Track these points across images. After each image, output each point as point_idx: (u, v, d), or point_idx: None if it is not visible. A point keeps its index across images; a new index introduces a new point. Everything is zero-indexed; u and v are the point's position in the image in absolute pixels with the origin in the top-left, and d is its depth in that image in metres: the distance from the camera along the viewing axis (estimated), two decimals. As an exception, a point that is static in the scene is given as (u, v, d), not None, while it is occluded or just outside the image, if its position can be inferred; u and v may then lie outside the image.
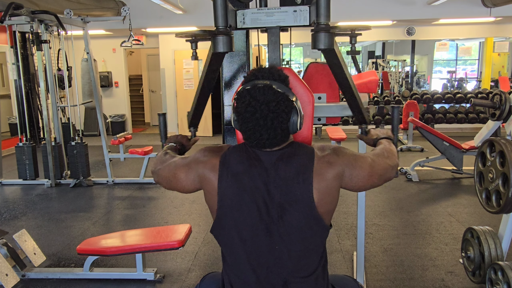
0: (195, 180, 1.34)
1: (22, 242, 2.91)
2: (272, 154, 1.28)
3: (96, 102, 5.54)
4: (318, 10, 1.35)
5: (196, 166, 1.33)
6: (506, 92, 2.79)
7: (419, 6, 6.96)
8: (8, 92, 7.72)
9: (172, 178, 1.39)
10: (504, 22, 8.25)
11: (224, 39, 1.39)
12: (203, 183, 1.33)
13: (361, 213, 2.51)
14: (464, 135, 7.62)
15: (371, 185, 1.35)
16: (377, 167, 1.34)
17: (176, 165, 1.39)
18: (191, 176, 1.34)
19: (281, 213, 1.25)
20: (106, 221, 4.12)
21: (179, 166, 1.38)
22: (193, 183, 1.35)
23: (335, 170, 1.27)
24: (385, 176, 1.37)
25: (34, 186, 5.36)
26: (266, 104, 1.23)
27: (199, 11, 7.08)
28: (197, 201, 4.52)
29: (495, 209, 2.34)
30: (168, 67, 8.92)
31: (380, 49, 10.55)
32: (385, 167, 1.36)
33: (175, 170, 1.38)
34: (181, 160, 1.40)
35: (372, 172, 1.32)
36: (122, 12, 5.24)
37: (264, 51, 8.88)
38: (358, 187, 1.33)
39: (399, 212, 4.13)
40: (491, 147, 2.41)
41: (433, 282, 2.77)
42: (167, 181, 1.41)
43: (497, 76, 9.77)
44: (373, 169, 1.32)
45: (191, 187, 1.37)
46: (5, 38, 7.23)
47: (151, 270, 2.90)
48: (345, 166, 1.28)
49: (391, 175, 1.39)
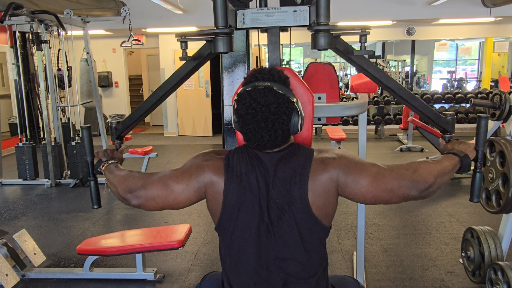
0: (199, 188, 1.27)
1: (22, 242, 2.91)
2: (273, 155, 1.28)
3: (96, 102, 5.54)
4: (318, 10, 1.35)
5: (199, 172, 1.27)
6: (506, 92, 2.79)
7: (419, 6, 6.96)
8: (8, 92, 7.72)
9: (167, 193, 1.26)
10: (504, 22, 8.25)
11: (224, 39, 1.39)
12: (208, 188, 1.27)
13: (361, 213, 2.51)
14: (464, 135, 7.63)
15: (375, 198, 1.21)
16: (386, 179, 1.20)
17: (169, 177, 1.27)
18: (194, 184, 1.26)
19: (280, 214, 1.24)
20: (106, 221, 4.12)
21: (173, 177, 1.27)
22: (195, 192, 1.27)
23: (329, 173, 1.22)
24: (399, 191, 1.19)
25: (34, 186, 5.36)
26: (267, 106, 1.22)
27: (199, 11, 7.08)
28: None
29: (495, 209, 2.34)
30: (168, 67, 8.92)
31: (380, 49, 10.56)
32: (400, 181, 1.18)
33: (170, 182, 1.26)
34: (173, 171, 1.29)
35: (375, 183, 1.20)
36: (122, 12, 5.24)
37: (264, 51, 8.88)
38: (358, 198, 1.23)
39: (399, 212, 4.13)
40: (491, 147, 2.41)
41: (433, 282, 2.77)
42: (158, 199, 1.26)
43: (497, 76, 9.77)
44: (376, 180, 1.20)
45: (193, 197, 1.28)
46: (5, 38, 7.23)
47: (151, 270, 2.90)
48: (340, 170, 1.22)
49: (411, 193, 1.19)
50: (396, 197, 1.20)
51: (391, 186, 1.20)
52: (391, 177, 1.20)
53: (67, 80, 5.77)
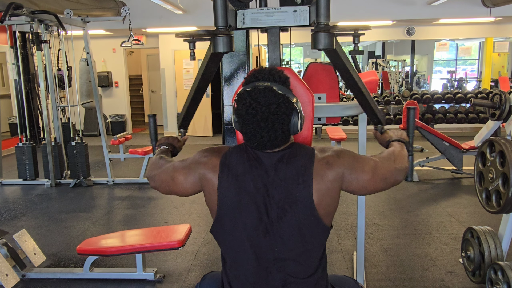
0: (195, 182, 1.33)
1: (22, 242, 2.91)
2: (273, 155, 1.28)
3: (96, 102, 5.54)
4: (318, 10, 1.35)
5: (196, 167, 1.33)
6: (506, 92, 2.79)
7: (419, 6, 6.95)
8: (8, 92, 7.72)
9: (171, 182, 1.37)
10: (504, 22, 8.25)
11: (224, 39, 1.39)
12: (203, 184, 1.32)
13: (361, 213, 2.51)
14: (464, 135, 7.63)
15: (375, 188, 1.31)
16: (381, 171, 1.31)
17: (174, 168, 1.38)
18: (191, 178, 1.33)
19: (281, 214, 1.24)
20: (106, 221, 4.12)
21: (177, 169, 1.37)
22: (192, 185, 1.34)
23: (335, 172, 1.26)
24: (391, 179, 1.33)
25: (34, 186, 5.36)
26: (267, 106, 1.22)
27: (199, 11, 7.08)
28: (197, 201, 4.52)
29: (495, 209, 2.34)
30: (168, 67, 8.93)
31: (380, 49, 10.56)
32: (390, 170, 1.33)
33: (174, 173, 1.37)
34: (179, 162, 1.39)
35: (375, 175, 1.29)
36: (122, 12, 5.24)
37: (264, 51, 8.88)
38: (360, 191, 1.31)
39: (399, 212, 4.13)
40: (491, 147, 2.41)
41: (433, 282, 2.77)
42: (166, 185, 1.40)
43: (497, 76, 9.78)
44: (375, 172, 1.30)
45: (190, 189, 1.36)
46: (5, 38, 7.23)
47: (151, 270, 2.90)
48: (345, 168, 1.27)
49: (398, 179, 1.35)
50: (389, 185, 1.34)
51: (385, 175, 1.32)
52: (384, 167, 1.33)
53: (67, 80, 5.77)
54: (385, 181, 1.32)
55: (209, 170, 1.30)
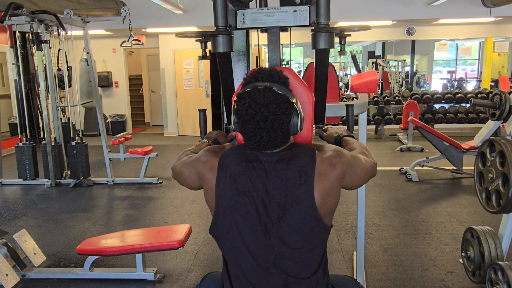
0: (196, 179, 1.37)
1: (22, 242, 2.91)
2: (273, 156, 1.28)
3: (96, 102, 5.54)
4: (318, 10, 1.35)
5: (196, 165, 1.36)
6: (506, 92, 2.79)
7: (419, 6, 6.96)
8: (8, 92, 7.72)
9: (180, 175, 1.43)
10: (504, 22, 8.26)
11: (224, 39, 1.39)
12: (202, 183, 1.35)
13: (361, 213, 2.51)
14: (464, 135, 7.63)
15: (362, 182, 1.37)
16: (367, 165, 1.36)
17: (183, 163, 1.43)
18: (193, 174, 1.37)
19: (281, 214, 1.24)
20: (106, 221, 4.12)
21: (185, 164, 1.42)
22: (194, 181, 1.38)
23: (338, 171, 1.27)
24: (372, 173, 1.39)
25: (34, 186, 5.36)
26: (267, 106, 1.22)
27: (199, 11, 7.08)
28: (197, 201, 4.52)
29: (495, 209, 2.34)
30: (168, 67, 8.92)
31: (380, 49, 10.55)
32: (371, 164, 1.38)
33: (182, 167, 1.42)
34: (188, 158, 1.44)
35: (365, 170, 1.34)
36: (122, 12, 5.24)
37: (264, 51, 8.88)
38: (352, 186, 1.35)
39: (399, 212, 4.13)
40: (491, 147, 2.41)
41: (433, 282, 2.77)
42: (177, 177, 1.46)
43: (497, 76, 9.77)
44: (365, 167, 1.35)
45: (194, 185, 1.40)
46: (5, 38, 7.23)
47: (151, 270, 2.90)
48: (346, 166, 1.29)
49: (375, 172, 1.41)
50: (369, 178, 1.40)
51: (370, 170, 1.38)
52: (368, 162, 1.38)
53: (67, 80, 5.76)
54: (369, 175, 1.38)
55: (207, 169, 1.32)
